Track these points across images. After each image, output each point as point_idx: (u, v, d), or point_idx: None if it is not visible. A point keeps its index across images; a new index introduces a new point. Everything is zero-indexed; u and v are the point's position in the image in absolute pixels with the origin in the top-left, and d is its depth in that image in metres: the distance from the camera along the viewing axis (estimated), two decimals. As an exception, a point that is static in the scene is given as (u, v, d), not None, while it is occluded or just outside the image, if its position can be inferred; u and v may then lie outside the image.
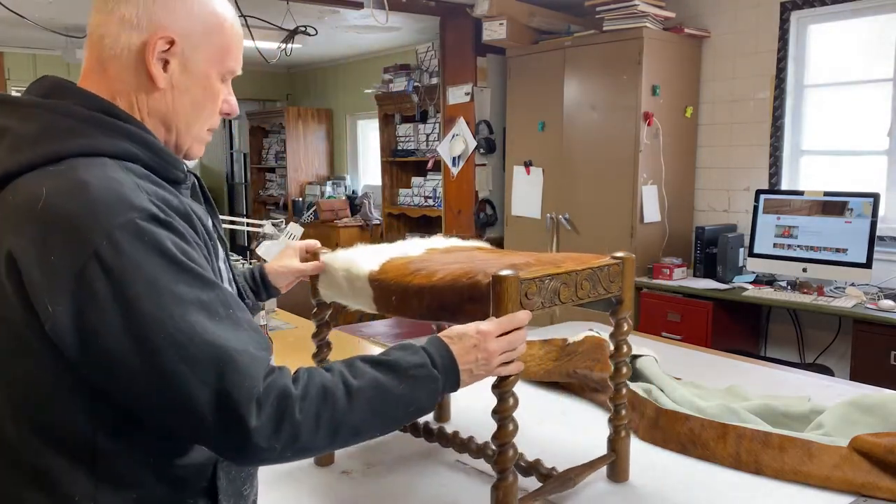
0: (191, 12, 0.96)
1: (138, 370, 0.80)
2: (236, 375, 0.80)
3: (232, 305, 0.86)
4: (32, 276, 0.81)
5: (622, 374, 1.34)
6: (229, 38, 1.00)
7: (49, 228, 0.81)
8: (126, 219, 0.81)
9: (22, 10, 4.18)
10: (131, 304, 0.80)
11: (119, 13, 0.93)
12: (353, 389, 0.88)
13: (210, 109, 1.02)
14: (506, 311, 1.07)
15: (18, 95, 0.95)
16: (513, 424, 1.13)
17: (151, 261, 0.81)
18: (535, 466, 1.30)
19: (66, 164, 0.85)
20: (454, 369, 0.99)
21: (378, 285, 1.28)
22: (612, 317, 1.33)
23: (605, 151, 4.12)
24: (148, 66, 0.94)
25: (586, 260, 1.26)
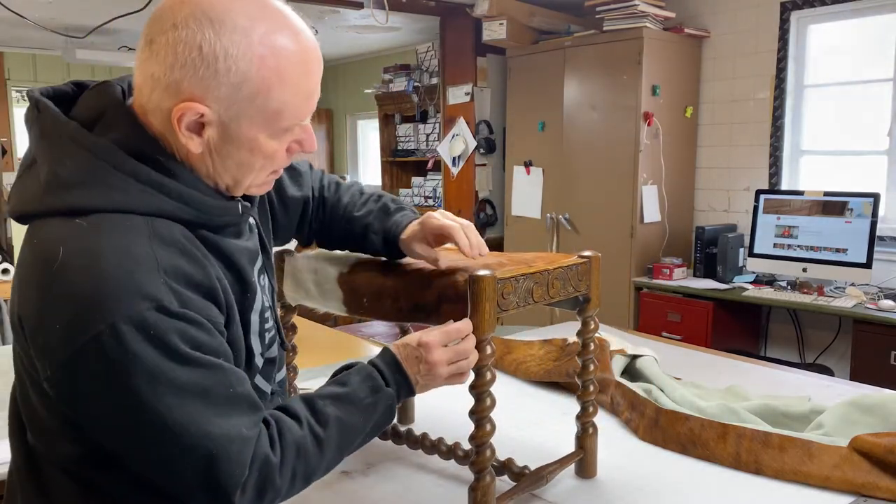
0: (227, 78, 0.84)
1: (132, 448, 0.83)
2: (227, 465, 0.82)
3: (234, 384, 0.86)
4: (33, 335, 0.82)
5: (589, 371, 1.34)
6: (287, 97, 0.88)
7: (55, 298, 0.80)
8: (133, 311, 0.78)
9: (22, 10, 4.18)
10: (127, 392, 0.78)
11: (150, 69, 0.86)
12: (321, 439, 0.92)
13: (264, 165, 0.93)
14: (483, 311, 1.07)
15: (60, 118, 0.87)
16: (490, 424, 1.12)
17: (151, 354, 0.78)
18: (508, 466, 1.30)
19: (92, 222, 0.82)
20: (405, 381, 1.02)
21: (348, 286, 1.27)
22: (579, 315, 1.32)
23: (605, 151, 4.12)
24: (175, 134, 0.86)
25: (556, 259, 1.26)
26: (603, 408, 1.65)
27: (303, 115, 0.92)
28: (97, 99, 0.90)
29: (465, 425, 1.16)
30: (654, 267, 3.96)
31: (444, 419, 1.62)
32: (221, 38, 0.83)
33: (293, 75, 0.88)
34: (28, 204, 0.87)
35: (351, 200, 1.25)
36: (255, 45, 0.85)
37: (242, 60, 0.84)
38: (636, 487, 1.34)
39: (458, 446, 1.36)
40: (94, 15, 4.63)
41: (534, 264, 1.20)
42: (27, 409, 0.91)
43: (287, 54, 0.87)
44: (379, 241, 1.20)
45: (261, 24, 0.85)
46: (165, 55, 0.84)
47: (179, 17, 0.83)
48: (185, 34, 0.83)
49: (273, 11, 0.88)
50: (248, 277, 0.96)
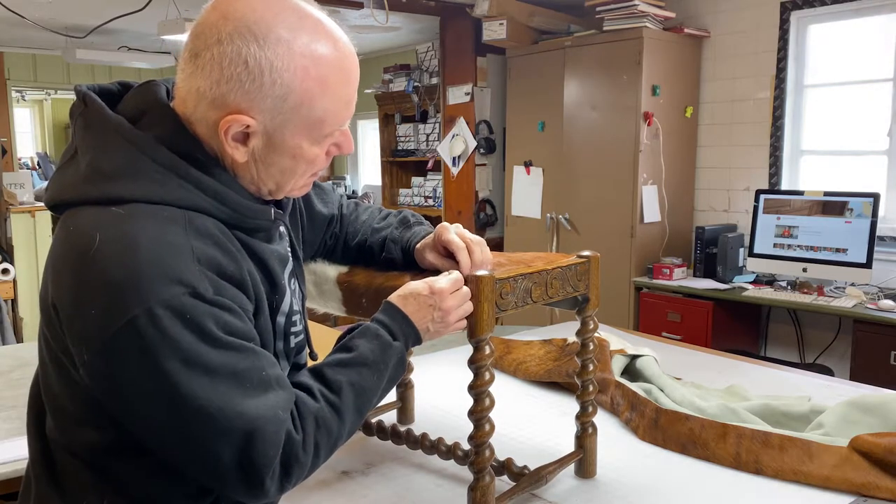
0: (272, 90, 0.87)
1: (166, 431, 0.83)
2: (262, 444, 0.83)
3: (265, 367, 0.87)
4: (69, 322, 0.83)
5: (588, 371, 1.34)
6: (328, 105, 0.91)
7: (90, 284, 0.81)
8: (169, 294, 0.79)
9: (22, 10, 4.18)
10: (163, 375, 0.80)
11: (195, 83, 0.87)
12: (337, 406, 0.93)
13: (306, 169, 0.95)
14: (482, 311, 1.08)
15: (106, 112, 0.89)
16: (489, 425, 1.12)
17: (188, 338, 0.80)
18: (507, 466, 1.31)
19: (128, 210, 0.84)
20: (413, 331, 1.04)
21: (347, 287, 1.27)
22: (578, 315, 1.33)
23: (605, 151, 4.12)
24: (222, 144, 0.89)
25: (555, 259, 1.26)
26: (603, 408, 1.65)
27: (343, 121, 0.94)
28: (142, 97, 0.92)
29: (465, 425, 1.16)
30: (654, 267, 3.96)
31: (444, 419, 1.62)
32: (266, 52, 0.85)
33: (334, 83, 0.90)
34: (65, 193, 0.88)
35: (370, 216, 1.29)
36: (298, 56, 0.87)
37: (287, 72, 0.86)
38: (636, 487, 1.34)
39: (457, 446, 1.36)
40: (94, 15, 4.63)
41: (533, 264, 1.20)
42: (50, 397, 0.92)
43: (328, 63, 0.89)
44: (398, 250, 1.22)
45: (302, 34, 0.88)
46: (211, 70, 0.86)
47: (224, 33, 0.85)
48: (231, 49, 0.85)
49: (313, 21, 0.90)
50: (279, 279, 0.97)
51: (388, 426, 1.48)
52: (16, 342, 4.30)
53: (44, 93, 9.29)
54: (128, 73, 7.33)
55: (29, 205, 4.97)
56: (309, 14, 0.90)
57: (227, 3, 0.87)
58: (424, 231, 1.23)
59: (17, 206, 4.79)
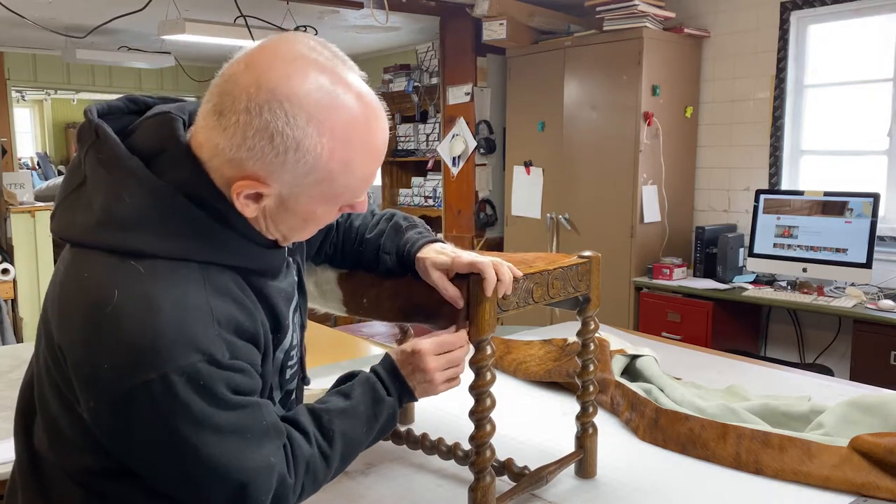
0: (295, 167, 0.84)
1: (167, 478, 0.86)
2: (256, 492, 0.87)
3: (265, 416, 0.89)
4: (78, 369, 0.83)
5: (589, 371, 1.34)
6: (350, 182, 0.89)
7: (107, 341, 0.80)
8: (186, 362, 0.80)
9: (22, 10, 4.18)
10: (171, 434, 0.81)
11: (215, 139, 0.85)
12: (327, 455, 0.98)
13: (316, 227, 0.96)
14: (483, 311, 1.07)
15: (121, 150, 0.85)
16: (490, 425, 1.13)
17: (199, 403, 0.81)
18: (508, 466, 1.30)
19: (147, 267, 0.82)
20: (407, 389, 1.07)
21: (348, 287, 1.27)
22: (579, 315, 1.32)
23: (605, 151, 4.12)
24: (232, 200, 0.86)
25: (555, 259, 1.26)
26: (603, 408, 1.65)
27: (361, 194, 0.94)
28: (158, 132, 0.88)
29: (465, 426, 1.16)
30: (654, 267, 3.96)
31: (444, 419, 1.62)
32: (295, 132, 0.83)
33: (360, 164, 0.89)
34: (77, 233, 0.87)
35: (363, 223, 1.24)
36: (327, 137, 0.84)
37: (312, 153, 0.84)
38: (636, 487, 1.34)
39: (458, 446, 1.36)
40: (94, 15, 4.63)
41: (534, 264, 1.20)
42: (47, 418, 0.91)
43: (357, 145, 0.87)
44: (392, 260, 1.18)
45: (335, 113, 0.84)
46: (234, 133, 0.83)
47: (254, 103, 0.82)
48: (258, 122, 0.82)
49: (350, 97, 0.86)
50: (284, 320, 0.97)
51: (403, 430, 1.48)
52: (16, 342, 4.29)
53: (44, 93, 9.28)
54: (128, 73, 7.33)
55: (29, 205, 4.97)
56: (346, 87, 0.86)
57: (261, 69, 0.83)
58: (417, 236, 1.18)
59: (17, 206, 4.79)
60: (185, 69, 6.61)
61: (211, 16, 4.32)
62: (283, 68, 0.83)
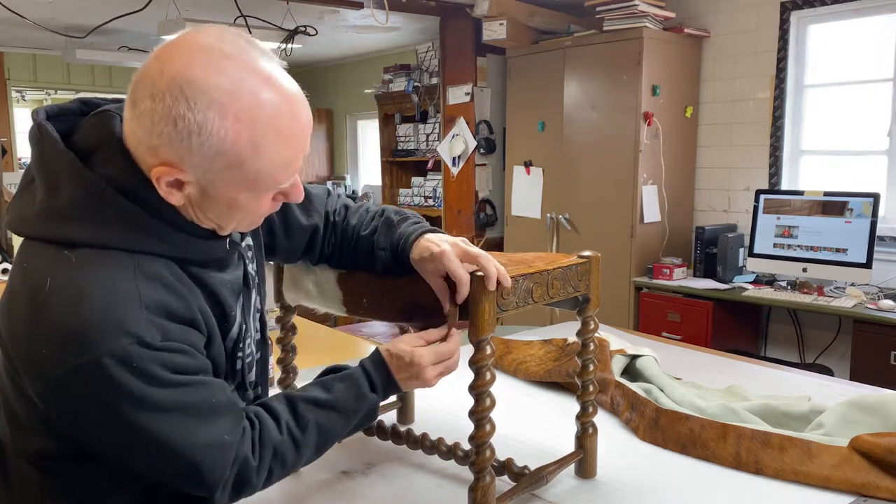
0: (200, 151, 0.85)
1: (122, 456, 0.89)
2: (210, 470, 0.90)
3: (215, 394, 0.91)
4: (19, 356, 0.86)
5: (589, 371, 1.34)
6: (262, 166, 0.88)
7: (40, 327, 0.83)
8: (115, 345, 0.81)
9: (22, 10, 4.18)
10: (113, 415, 0.83)
11: (133, 128, 0.87)
12: (298, 443, 1.00)
13: (245, 216, 0.95)
14: (483, 311, 1.07)
15: (59, 147, 0.89)
16: (490, 425, 1.12)
17: (135, 383, 0.83)
18: (508, 466, 1.30)
19: (78, 256, 0.85)
20: (392, 384, 1.09)
21: (348, 287, 1.26)
22: (579, 315, 1.32)
23: (605, 151, 4.12)
24: (158, 188, 0.88)
25: (555, 259, 1.26)
26: (603, 408, 1.65)
27: (281, 181, 0.92)
28: (96, 130, 0.91)
29: (464, 425, 1.16)
30: (654, 267, 3.96)
31: (444, 419, 1.62)
32: (196, 115, 0.83)
33: (270, 147, 0.87)
34: (23, 225, 0.91)
35: (359, 222, 1.23)
36: (231, 120, 0.84)
37: (215, 137, 0.84)
38: (636, 487, 1.34)
39: (457, 446, 1.36)
40: (94, 15, 4.63)
41: (533, 264, 1.20)
42: (5, 403, 0.95)
43: (265, 127, 0.86)
44: (387, 256, 1.17)
45: (240, 96, 0.85)
46: (144, 122, 0.85)
47: (157, 89, 0.84)
48: (161, 108, 0.84)
49: (258, 80, 0.86)
50: (230, 310, 0.99)
51: (389, 426, 1.48)
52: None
53: (44, 93, 9.27)
54: (128, 73, 7.24)
55: (29, 205, 4.96)
56: (254, 73, 0.86)
57: (167, 56, 0.85)
58: (411, 229, 1.16)
59: (17, 206, 4.79)
60: (185, 69, 6.61)
61: (211, 16, 4.32)
62: (186, 56, 0.85)
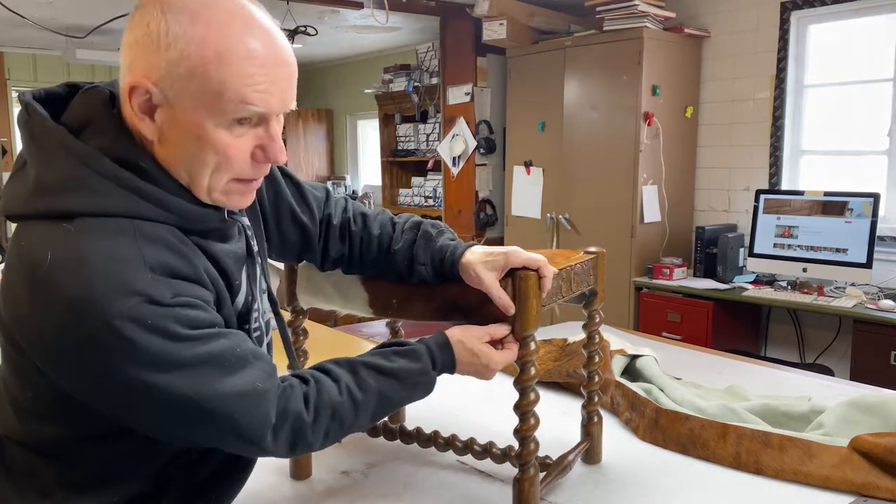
0: (166, 54, 0.85)
1: (155, 423, 0.87)
2: (247, 419, 0.88)
3: (239, 344, 0.90)
4: (28, 339, 0.85)
5: (594, 362, 1.37)
6: (226, 78, 0.86)
7: (45, 303, 0.81)
8: (126, 306, 0.80)
9: (22, 10, 4.18)
10: (139, 381, 0.81)
11: (123, 59, 0.88)
12: (359, 404, 0.99)
13: (218, 162, 0.90)
14: (530, 307, 1.08)
15: (48, 123, 0.89)
16: (534, 418, 1.14)
17: (154, 341, 0.81)
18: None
19: (77, 226, 0.83)
20: (451, 368, 1.09)
21: (374, 287, 1.24)
22: (585, 309, 1.35)
23: (605, 151, 4.12)
24: (132, 118, 0.88)
25: (568, 255, 1.28)
26: (603, 408, 1.65)
27: (250, 103, 0.87)
28: (86, 105, 0.91)
29: (465, 425, 1.16)
30: (654, 267, 3.96)
31: (445, 420, 1.62)
32: (167, 17, 0.85)
33: (236, 58, 0.86)
34: (16, 206, 0.89)
35: (383, 231, 1.21)
36: (201, 26, 0.85)
37: (182, 39, 0.85)
38: (636, 487, 1.34)
39: (473, 441, 1.37)
40: (94, 15, 4.63)
41: (555, 261, 1.20)
42: (8, 395, 0.94)
43: (232, 36, 0.86)
44: (428, 271, 1.16)
45: (214, 10, 0.87)
46: (127, 37, 0.88)
47: (138, 9, 0.88)
48: (138, 17, 0.87)
49: (235, 4, 0.89)
50: (233, 277, 0.97)
51: (395, 426, 1.48)
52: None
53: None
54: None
55: (29, 205, 4.96)
56: (240, 1, 0.89)
57: None
58: (453, 242, 1.16)
59: (17, 206, 4.80)
60: (185, 69, 6.61)
61: (211, 16, 4.31)
62: None
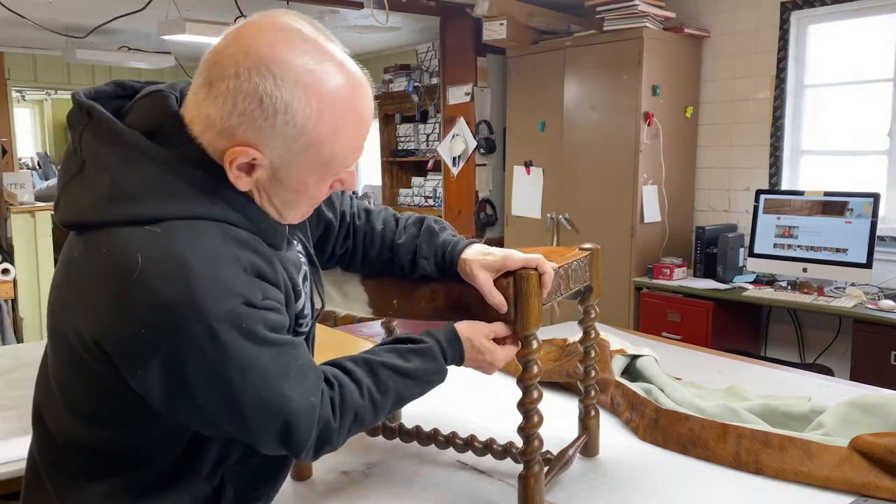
0: (284, 130, 0.86)
1: (219, 420, 0.89)
2: (299, 432, 0.91)
3: (300, 355, 0.93)
4: (113, 343, 0.84)
5: (591, 358, 1.38)
6: (337, 149, 0.90)
7: (139, 306, 0.81)
8: (226, 308, 0.82)
9: (22, 10, 4.18)
10: (222, 381, 0.84)
11: (206, 110, 0.86)
12: (378, 406, 1.01)
13: (307, 202, 0.96)
14: (532, 306, 1.09)
15: (119, 127, 0.87)
16: (538, 416, 1.15)
17: (245, 346, 0.84)
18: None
19: (164, 228, 0.83)
20: (459, 362, 1.11)
21: (374, 287, 1.25)
22: (580, 305, 1.36)
23: (605, 151, 4.12)
24: (227, 172, 0.88)
25: (564, 253, 1.29)
26: (603, 408, 1.65)
27: (350, 164, 0.95)
28: (154, 110, 0.89)
29: (464, 423, 1.16)
30: (655, 267, 3.96)
31: (445, 419, 1.62)
32: (283, 93, 0.85)
33: (347, 130, 0.90)
34: (86, 214, 0.86)
35: (387, 226, 1.23)
36: (315, 100, 0.86)
37: (300, 115, 0.86)
38: (636, 487, 1.34)
39: (474, 438, 1.38)
40: (94, 15, 4.63)
41: (552, 258, 1.21)
42: (69, 399, 0.93)
43: (344, 109, 0.89)
44: (430, 265, 1.18)
45: (322, 77, 0.87)
46: (224, 101, 0.85)
47: (242, 68, 0.84)
48: (247, 86, 0.84)
49: (334, 64, 0.89)
50: (297, 283, 1.00)
51: (394, 425, 1.48)
52: (15, 342, 4.29)
53: (44, 93, 9.29)
54: (128, 73, 7.33)
55: (29, 205, 4.97)
56: (331, 56, 0.89)
57: (249, 38, 0.86)
58: (455, 238, 1.18)
59: (18, 206, 4.79)
60: (185, 69, 6.62)
61: (211, 16, 4.32)
62: (269, 36, 0.86)
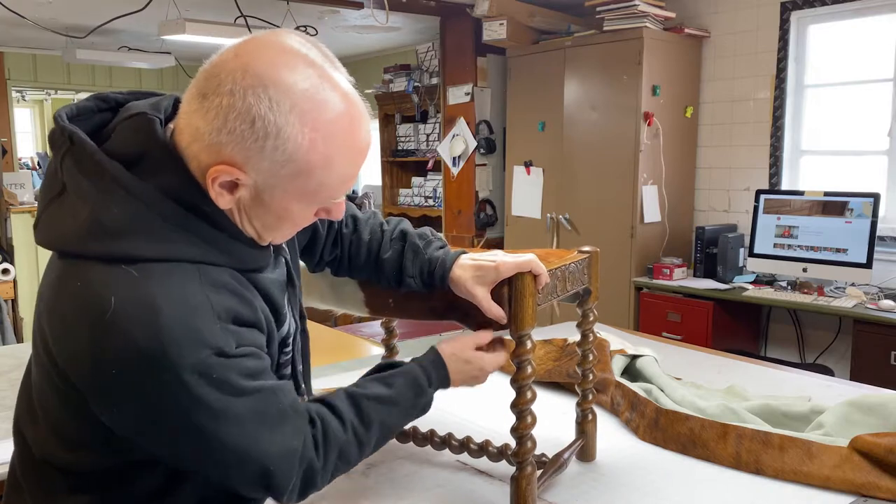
0: (273, 154, 0.83)
1: (195, 464, 0.88)
2: (279, 478, 0.89)
3: (281, 398, 0.90)
4: (87, 382, 0.83)
5: (588, 360, 1.38)
6: (326, 180, 0.87)
7: (111, 348, 0.79)
8: (196, 359, 0.80)
9: (22, 10, 4.18)
10: (191, 428, 0.83)
11: (196, 122, 0.84)
12: (362, 442, 0.99)
13: (288, 227, 0.93)
14: (527, 306, 1.09)
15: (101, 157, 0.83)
16: (531, 417, 1.14)
17: (215, 395, 0.82)
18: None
19: (140, 270, 0.81)
20: (447, 382, 1.10)
21: (371, 287, 1.25)
22: (579, 308, 1.36)
23: (605, 151, 4.12)
24: (208, 188, 0.85)
25: (562, 255, 1.29)
26: (603, 408, 1.65)
27: (338, 195, 0.92)
28: (137, 135, 0.86)
29: (462, 424, 1.16)
30: (655, 267, 3.96)
31: (446, 419, 1.62)
32: (277, 117, 0.82)
33: (340, 162, 0.87)
34: (65, 242, 0.85)
35: (373, 237, 1.20)
36: (310, 128, 0.83)
37: (292, 142, 0.83)
38: (636, 487, 1.34)
39: (469, 440, 1.38)
40: (94, 15, 4.63)
41: (549, 260, 1.21)
42: (49, 419, 0.92)
43: (340, 143, 0.86)
44: (417, 283, 1.16)
45: (320, 106, 0.84)
46: (215, 116, 0.82)
47: (238, 86, 0.82)
48: (241, 105, 0.81)
49: (337, 94, 0.86)
50: (281, 308, 0.98)
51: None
52: (16, 342, 4.30)
53: (44, 93, 9.29)
54: (128, 73, 7.33)
55: (29, 205, 4.97)
56: (334, 84, 0.86)
57: (251, 55, 0.83)
58: (441, 253, 1.15)
59: (18, 206, 4.79)
60: (185, 69, 6.61)
61: (211, 16, 4.32)
62: (271, 57, 0.83)
